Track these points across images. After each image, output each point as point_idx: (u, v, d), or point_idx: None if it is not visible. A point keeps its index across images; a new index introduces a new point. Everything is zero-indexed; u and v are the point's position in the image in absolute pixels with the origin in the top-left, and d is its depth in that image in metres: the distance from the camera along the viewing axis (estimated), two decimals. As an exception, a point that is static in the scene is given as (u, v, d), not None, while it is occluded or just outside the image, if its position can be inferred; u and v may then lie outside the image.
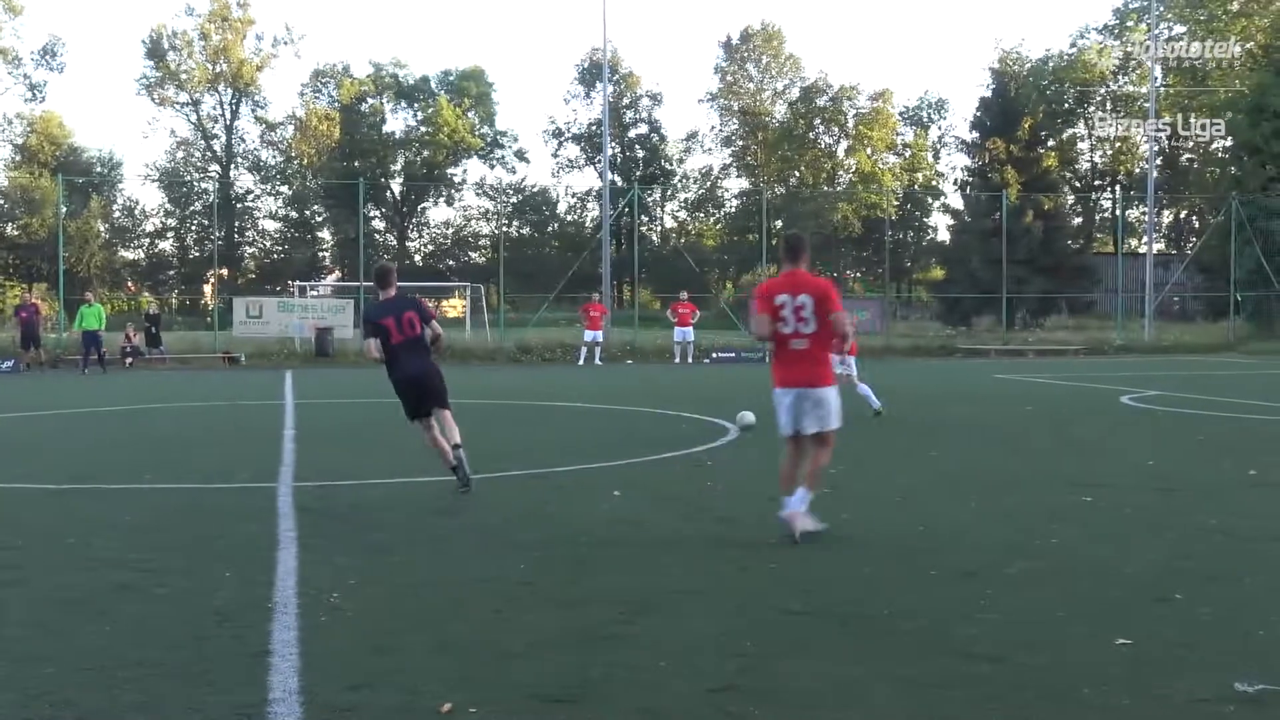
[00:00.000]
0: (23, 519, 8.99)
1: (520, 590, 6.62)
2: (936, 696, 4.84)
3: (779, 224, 65.99)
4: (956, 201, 64.42)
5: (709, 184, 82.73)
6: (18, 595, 6.55)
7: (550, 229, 78.35)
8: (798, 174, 77.92)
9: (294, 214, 76.75)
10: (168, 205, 75.17)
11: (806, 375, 7.83)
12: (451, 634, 5.73)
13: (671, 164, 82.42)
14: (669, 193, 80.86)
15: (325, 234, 76.91)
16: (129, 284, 71.55)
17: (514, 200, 78.65)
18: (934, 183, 79.54)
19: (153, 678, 5.05)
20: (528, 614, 6.10)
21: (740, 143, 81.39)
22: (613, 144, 70.00)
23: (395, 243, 77.71)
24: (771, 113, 79.78)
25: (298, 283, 53.97)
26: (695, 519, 8.86)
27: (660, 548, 7.82)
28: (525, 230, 78.09)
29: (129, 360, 31.25)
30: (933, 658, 5.33)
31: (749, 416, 14.36)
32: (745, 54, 79.69)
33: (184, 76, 74.47)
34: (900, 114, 79.22)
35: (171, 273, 75.12)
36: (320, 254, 76.55)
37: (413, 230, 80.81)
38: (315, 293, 49.41)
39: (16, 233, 68.39)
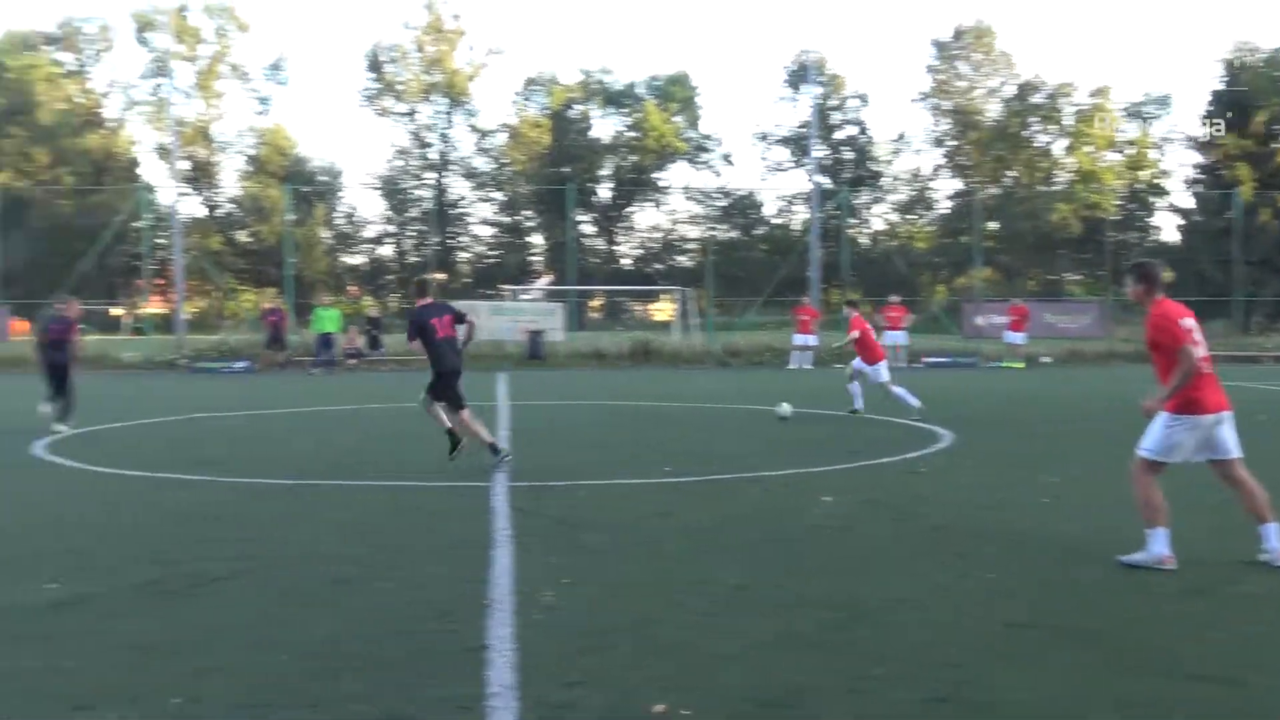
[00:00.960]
0: (254, 512, 9.43)
1: (733, 594, 6.58)
2: (1160, 717, 4.59)
3: (992, 225, 64.22)
4: (1184, 200, 61.49)
5: (919, 185, 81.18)
6: (249, 585, 6.86)
7: (757, 232, 78.09)
8: (1013, 173, 75.72)
9: (506, 219, 78.56)
10: (387, 212, 77.97)
11: (1224, 398, 7.37)
12: (664, 636, 5.72)
13: (879, 165, 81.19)
14: (878, 194, 79.69)
15: (536, 238, 78.49)
16: (351, 288, 74.53)
17: (721, 204, 78.72)
18: (1159, 181, 76.15)
19: (374, 669, 5.20)
20: (740, 617, 6.06)
21: (952, 142, 79.59)
22: (820, 146, 69.38)
23: (604, 246, 78.73)
24: (984, 111, 77.77)
25: (509, 287, 55.24)
26: (908, 526, 8.66)
27: (873, 554, 7.67)
28: (733, 233, 78.03)
29: (352, 361, 32.49)
30: (1156, 677, 5.06)
31: (786, 408, 15.78)
32: (957, 52, 77.96)
33: (401, 87, 77.14)
34: (1121, 110, 76.13)
35: (390, 277, 77.77)
36: (531, 258, 78.12)
37: (621, 234, 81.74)
38: (526, 296, 50.46)
39: (249, 239, 72.19)
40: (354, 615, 6.15)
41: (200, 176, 75.90)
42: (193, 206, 74.42)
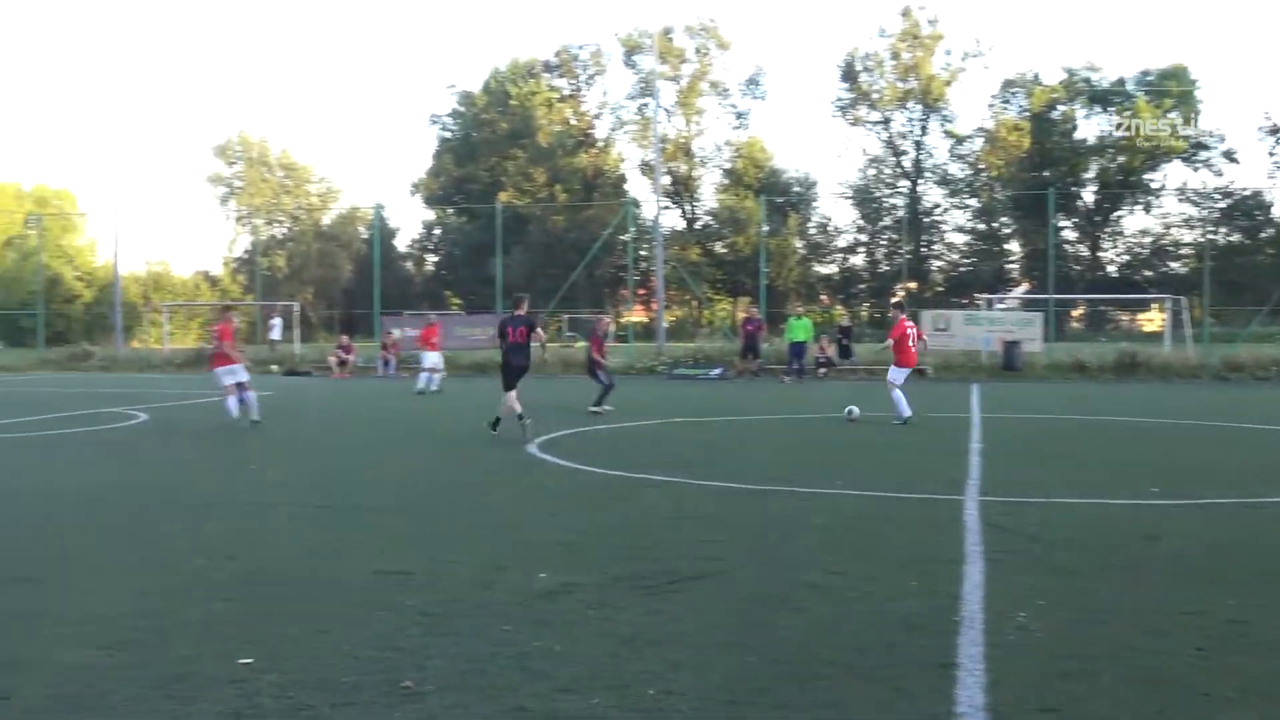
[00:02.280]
0: (727, 516, 9.71)
1: (1228, 629, 6.02)
2: None
3: None
4: None
5: None
6: (721, 585, 7.05)
7: (1264, 235, 71.47)
8: None
9: (981, 226, 76.69)
10: (859, 221, 78.26)
11: None
12: (1148, 668, 5.32)
13: None
14: None
15: (1013, 245, 76.03)
16: (822, 297, 75.40)
17: (1221, 205, 72.73)
18: None
19: (843, 677, 5.19)
20: (1238, 656, 5.52)
21: None
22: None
23: (1087, 252, 75.01)
24: None
25: (984, 295, 53.83)
26: None
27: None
28: (1234, 237, 71.90)
29: (822, 370, 32.85)
30: None
31: (854, 410, 17.81)
32: None
33: (876, 96, 77.20)
34: None
35: (862, 286, 78.01)
36: (1008, 266, 75.77)
37: (1106, 239, 77.50)
38: (1003, 305, 48.92)
39: (724, 250, 74.85)
40: (822, 622, 6.17)
41: (681, 190, 79.60)
42: (673, 219, 78.20)
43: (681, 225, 79.16)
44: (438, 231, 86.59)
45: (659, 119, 68.13)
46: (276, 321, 46.15)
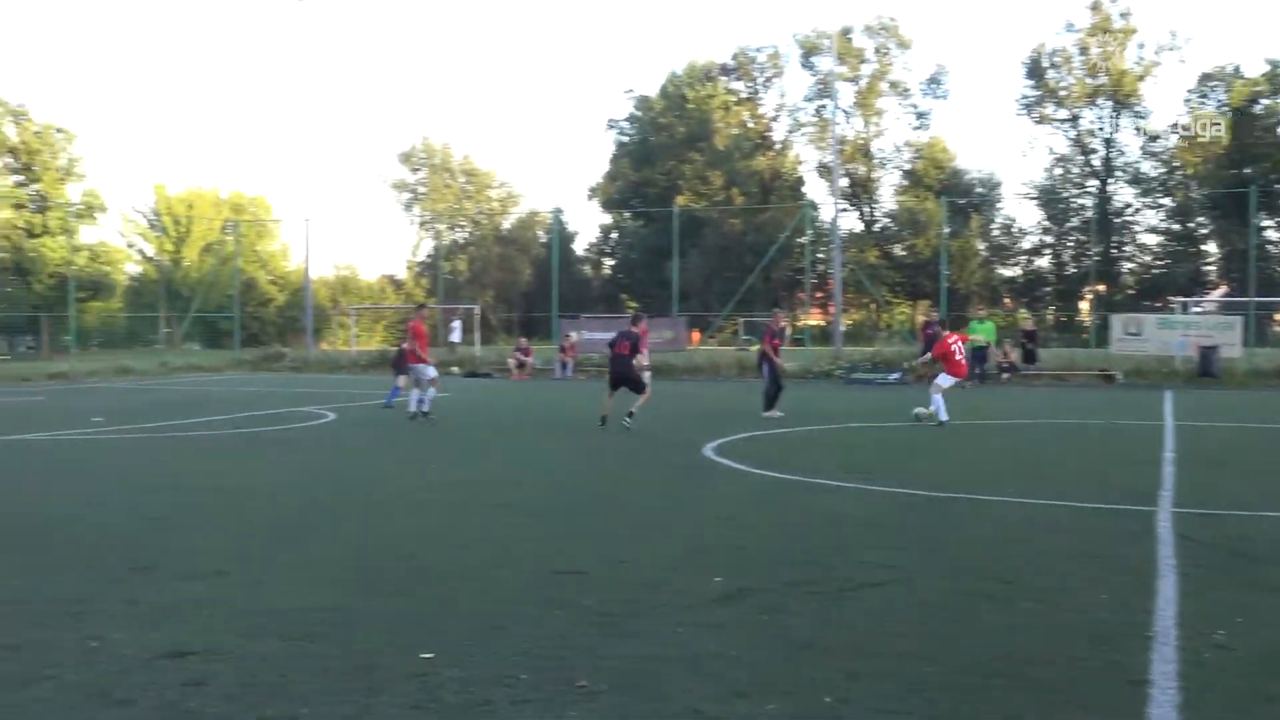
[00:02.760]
0: (901, 522, 9.52)
1: None
2: None
3: None
4: None
5: None
6: (896, 593, 6.91)
7: None
8: None
9: (1176, 226, 73.76)
10: (1045, 222, 76.09)
11: None
12: (1361, 695, 5.00)
13: None
14: None
15: (1210, 246, 72.92)
16: (1005, 300, 73.60)
17: None
18: None
19: (1026, 690, 5.02)
20: None
21: None
22: None
23: (1291, 254, 71.40)
24: None
25: (1179, 298, 51.71)
26: None
27: None
28: None
29: (1005, 376, 32.00)
30: None
31: (921, 411, 18.47)
32: None
33: (1063, 93, 74.95)
34: None
35: (1047, 289, 75.90)
36: (1204, 268, 72.71)
37: (1317, 239, 73.61)
38: (1199, 309, 46.94)
39: (903, 253, 73.72)
40: (1001, 633, 5.99)
41: (859, 192, 78.72)
42: (851, 221, 77.43)
43: (860, 227, 78.37)
44: (615, 235, 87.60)
45: (837, 120, 67.60)
46: (456, 324, 47.32)
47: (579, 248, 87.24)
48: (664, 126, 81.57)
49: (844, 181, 73.58)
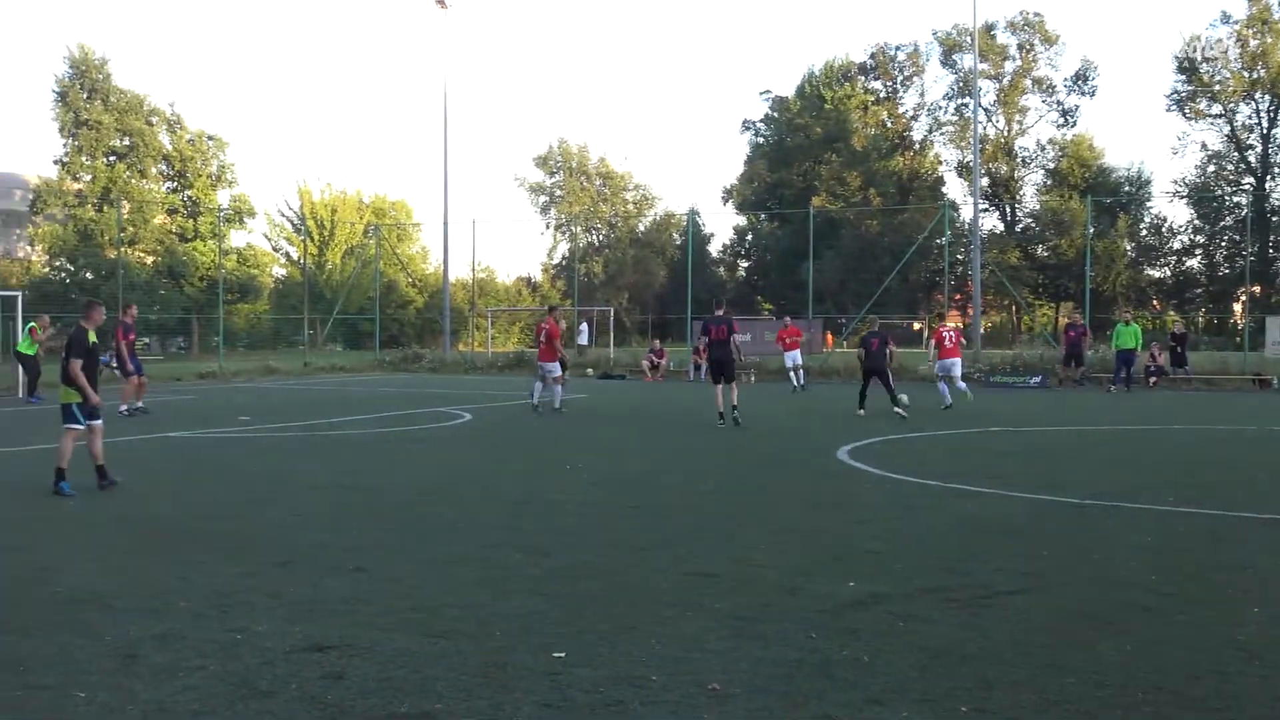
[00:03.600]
0: (1043, 529, 9.29)
1: None
2: None
3: None
4: None
5: None
6: (1038, 602, 6.74)
7: None
8: None
9: (1337, 225, 70.67)
10: (1196, 221, 73.57)
11: None
12: None
13: None
14: None
15: None
16: (1154, 302, 71.36)
17: None
18: None
19: (1170, 705, 4.86)
20: None
21: None
22: None
23: None
24: None
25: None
26: None
27: None
28: None
29: (1153, 380, 31.03)
30: None
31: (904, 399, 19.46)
32: None
33: (1217, 87, 72.35)
34: None
35: (1199, 291, 73.37)
36: (1366, 268, 69.48)
37: None
38: (1359, 311, 44.87)
39: (1046, 254, 71.94)
40: (1148, 645, 5.80)
41: (1000, 192, 77.14)
42: (992, 222, 75.91)
43: (1000, 228, 76.78)
44: (750, 237, 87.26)
45: (979, 119, 66.29)
46: (584, 326, 47.67)
47: (713, 249, 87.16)
48: (800, 127, 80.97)
49: (985, 181, 72.21)
